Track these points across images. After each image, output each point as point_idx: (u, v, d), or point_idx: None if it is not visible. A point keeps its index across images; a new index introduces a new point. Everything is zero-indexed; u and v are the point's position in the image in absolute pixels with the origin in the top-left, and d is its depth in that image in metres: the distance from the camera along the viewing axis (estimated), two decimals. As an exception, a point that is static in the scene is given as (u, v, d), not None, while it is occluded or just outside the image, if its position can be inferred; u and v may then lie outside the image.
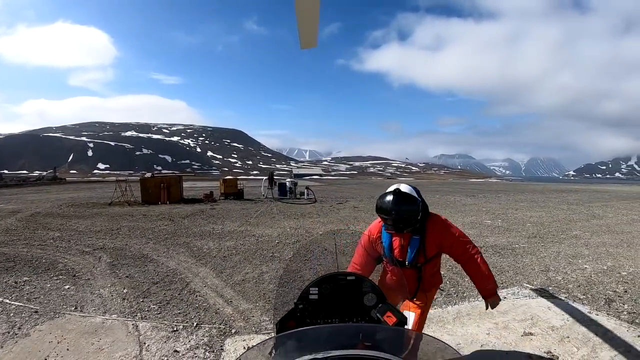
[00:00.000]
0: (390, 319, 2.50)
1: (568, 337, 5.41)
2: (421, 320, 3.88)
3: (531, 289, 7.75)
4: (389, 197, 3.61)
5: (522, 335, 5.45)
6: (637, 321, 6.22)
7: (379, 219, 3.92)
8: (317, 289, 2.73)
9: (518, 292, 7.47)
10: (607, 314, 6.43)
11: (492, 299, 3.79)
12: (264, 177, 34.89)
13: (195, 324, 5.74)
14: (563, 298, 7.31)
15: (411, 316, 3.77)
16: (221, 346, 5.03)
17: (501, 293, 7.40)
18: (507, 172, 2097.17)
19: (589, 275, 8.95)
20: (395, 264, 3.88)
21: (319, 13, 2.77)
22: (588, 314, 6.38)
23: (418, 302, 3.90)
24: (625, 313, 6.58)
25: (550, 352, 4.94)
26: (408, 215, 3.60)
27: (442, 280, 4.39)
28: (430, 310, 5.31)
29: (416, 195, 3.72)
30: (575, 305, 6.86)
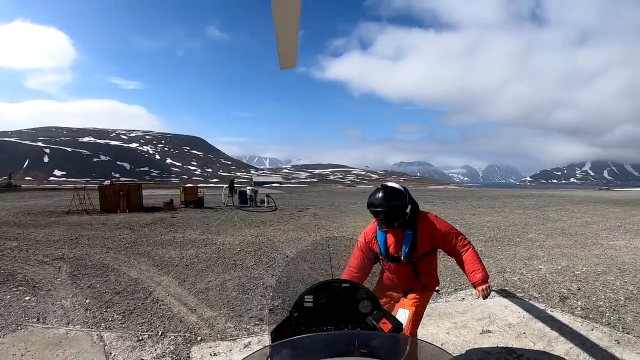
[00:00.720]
0: (385, 326, 2.52)
1: (524, 333, 5.69)
2: (416, 319, 3.95)
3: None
4: (378, 192, 3.85)
5: (480, 333, 5.69)
6: (590, 316, 6.60)
7: (374, 221, 4.10)
8: (312, 296, 2.72)
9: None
10: (562, 311, 6.78)
11: (482, 286, 3.82)
12: (225, 185, 34.65)
13: (160, 332, 5.72)
14: (519, 297, 7.64)
15: (406, 314, 3.84)
16: (187, 354, 5.04)
17: (459, 294, 7.69)
18: (466, 178, 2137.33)
19: (544, 275, 9.36)
20: (391, 260, 4.02)
21: (298, 34, 2.81)
22: (543, 311, 6.71)
23: (414, 300, 4.00)
24: (579, 309, 6.95)
25: (508, 347, 5.20)
26: (396, 207, 3.78)
27: (439, 282, 4.51)
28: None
29: (403, 190, 3.89)
30: (531, 303, 7.19)
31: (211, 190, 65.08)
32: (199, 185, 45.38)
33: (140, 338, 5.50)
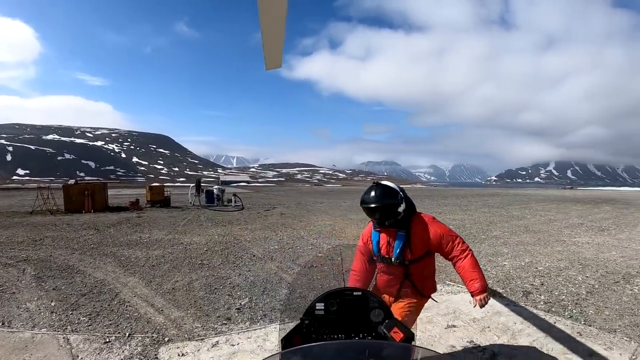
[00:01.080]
0: (397, 335, 2.49)
1: (489, 327, 5.91)
2: None
3: (453, 286, 8.28)
4: (371, 190, 3.78)
5: (445, 328, 5.88)
6: (553, 309, 6.90)
7: (371, 222, 4.03)
8: (323, 304, 2.72)
9: (441, 288, 7.95)
10: (525, 305, 7.04)
11: (480, 296, 3.67)
12: (192, 185, 34.35)
13: (127, 334, 5.72)
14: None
15: None
16: (155, 355, 5.06)
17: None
18: (432, 178, 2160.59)
19: (508, 271, 9.69)
20: (382, 260, 3.91)
21: (284, 35, 2.80)
22: (507, 306, 6.96)
23: (404, 307, 3.88)
24: (542, 303, 7.24)
25: (473, 342, 5.39)
26: (389, 205, 3.69)
27: (437, 289, 4.32)
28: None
29: (397, 189, 3.83)
30: (496, 299, 7.44)
31: (178, 189, 64.35)
32: (165, 184, 44.90)
33: (108, 340, 5.49)
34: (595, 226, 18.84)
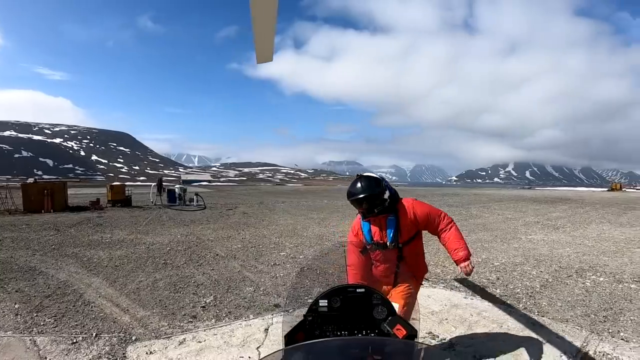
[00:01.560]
0: (400, 332, 2.51)
1: (447, 319, 6.20)
2: (407, 311, 3.89)
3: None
4: (356, 182, 3.94)
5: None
6: (508, 302, 7.25)
7: (358, 215, 4.18)
8: (326, 301, 2.71)
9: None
10: (482, 298, 7.36)
11: (464, 263, 3.95)
12: (153, 184, 33.88)
13: (94, 334, 5.75)
14: (442, 287, 8.20)
15: (396, 307, 3.45)
16: (123, 353, 5.11)
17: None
18: (394, 177, 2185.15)
19: (465, 267, 10.08)
20: (378, 247, 4.03)
21: (275, 29, 2.77)
22: (464, 299, 7.27)
23: (403, 291, 4.00)
24: (498, 296, 7.60)
25: (432, 333, 5.66)
26: (376, 194, 3.89)
27: (428, 269, 4.61)
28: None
29: (379, 178, 4.05)
30: (453, 292, 7.76)
31: (139, 188, 63.20)
32: (126, 183, 44.06)
33: (75, 341, 5.51)
34: (550, 224, 19.56)
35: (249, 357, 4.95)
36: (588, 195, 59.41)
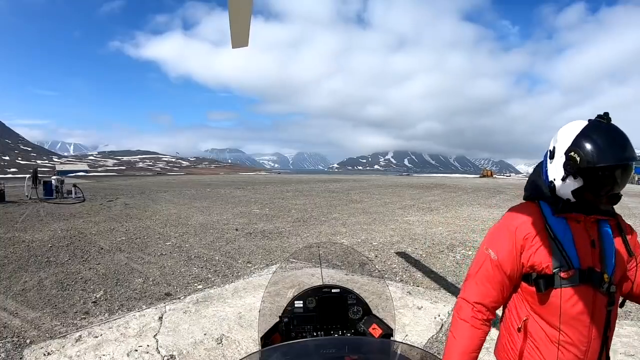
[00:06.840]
0: (375, 331, 2.48)
1: None
2: None
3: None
4: (614, 132, 1.64)
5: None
6: (386, 276, 7.84)
7: (524, 205, 1.92)
8: (301, 302, 2.64)
9: (285, 266, 8.45)
10: (361, 274, 7.68)
11: None
12: (27, 176, 30.71)
13: (-16, 341, 5.28)
14: (324, 267, 8.51)
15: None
16: (20, 358, 4.82)
17: (272, 268, 8.38)
18: (276, 165, 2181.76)
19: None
20: (582, 279, 1.72)
21: (251, 13, 2.63)
22: (345, 276, 7.57)
23: None
24: (376, 272, 8.09)
25: None
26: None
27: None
28: (210, 290, 5.66)
29: None
30: (334, 270, 8.13)
31: (11, 181, 56.97)
32: (-5, 176, 39.62)
33: (-36, 350, 5.03)
34: (425, 207, 20.97)
35: (147, 345, 4.93)
36: (461, 181, 63.61)
